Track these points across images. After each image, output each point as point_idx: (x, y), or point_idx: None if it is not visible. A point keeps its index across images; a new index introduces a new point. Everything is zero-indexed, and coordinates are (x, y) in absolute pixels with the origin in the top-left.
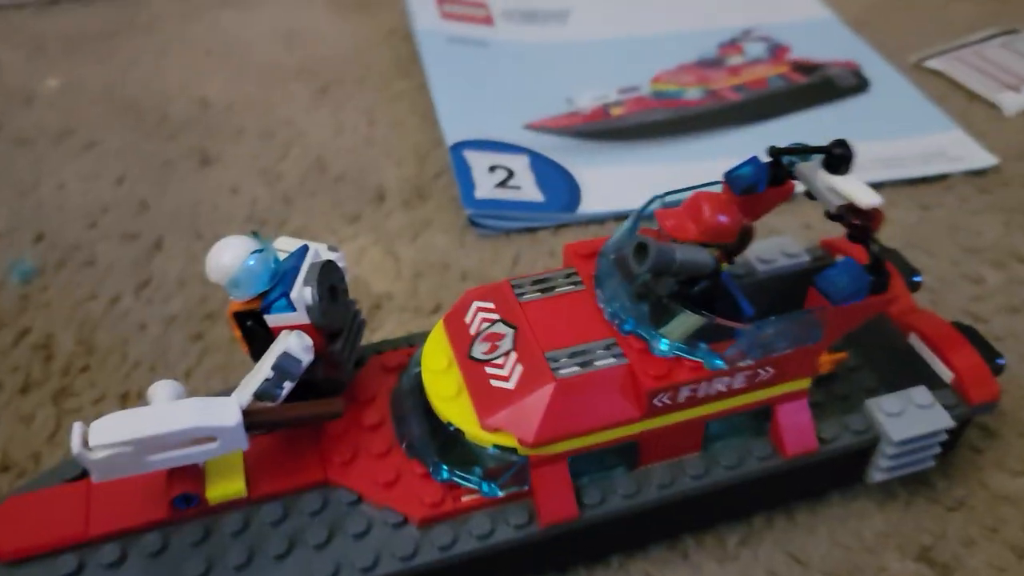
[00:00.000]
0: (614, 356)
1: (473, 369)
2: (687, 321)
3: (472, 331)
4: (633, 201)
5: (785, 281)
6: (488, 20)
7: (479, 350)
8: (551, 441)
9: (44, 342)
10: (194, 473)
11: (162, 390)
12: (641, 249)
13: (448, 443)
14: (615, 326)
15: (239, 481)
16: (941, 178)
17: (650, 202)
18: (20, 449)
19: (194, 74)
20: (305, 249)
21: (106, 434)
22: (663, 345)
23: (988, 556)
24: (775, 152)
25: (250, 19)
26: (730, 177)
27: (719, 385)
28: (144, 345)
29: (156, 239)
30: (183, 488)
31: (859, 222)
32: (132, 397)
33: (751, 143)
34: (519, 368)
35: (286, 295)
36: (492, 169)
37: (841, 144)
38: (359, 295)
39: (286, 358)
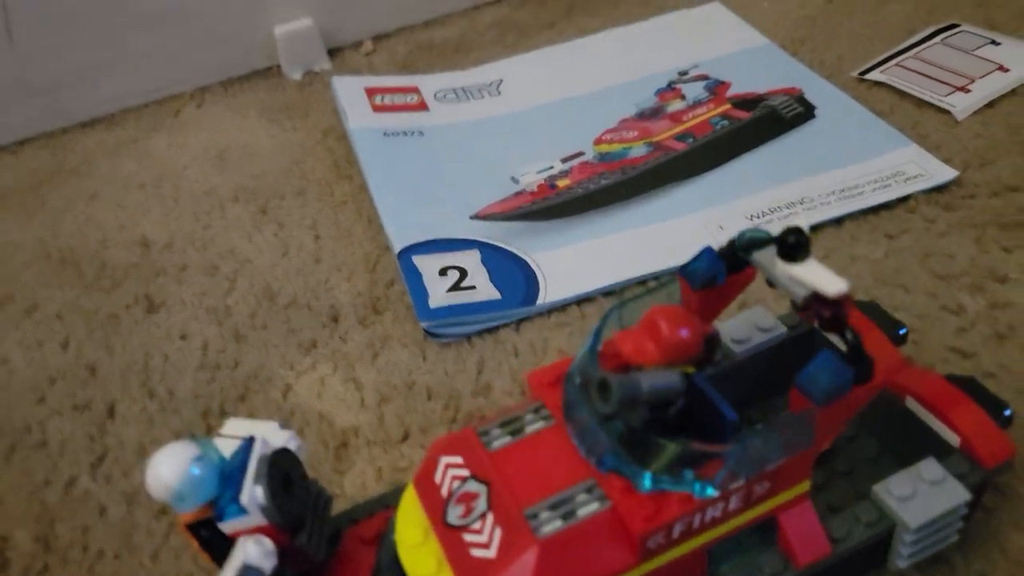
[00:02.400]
0: (597, 500)
1: (451, 537)
2: (666, 452)
3: (444, 492)
4: (593, 281)
5: (764, 360)
6: (422, 105)
7: (454, 514)
8: None
9: (0, 546)
10: None
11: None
12: (604, 386)
13: None
14: (592, 463)
15: None
16: (903, 200)
17: (606, 317)
18: None
19: (129, 213)
20: (250, 442)
21: None
22: (647, 481)
23: None
24: (727, 248)
25: (180, 143)
26: (686, 272)
27: (714, 512)
28: (106, 530)
29: (108, 405)
30: None
31: (829, 313)
32: None
33: (703, 196)
34: (498, 531)
35: (236, 499)
36: (443, 272)
37: (794, 232)
38: (323, 433)
39: (247, 571)
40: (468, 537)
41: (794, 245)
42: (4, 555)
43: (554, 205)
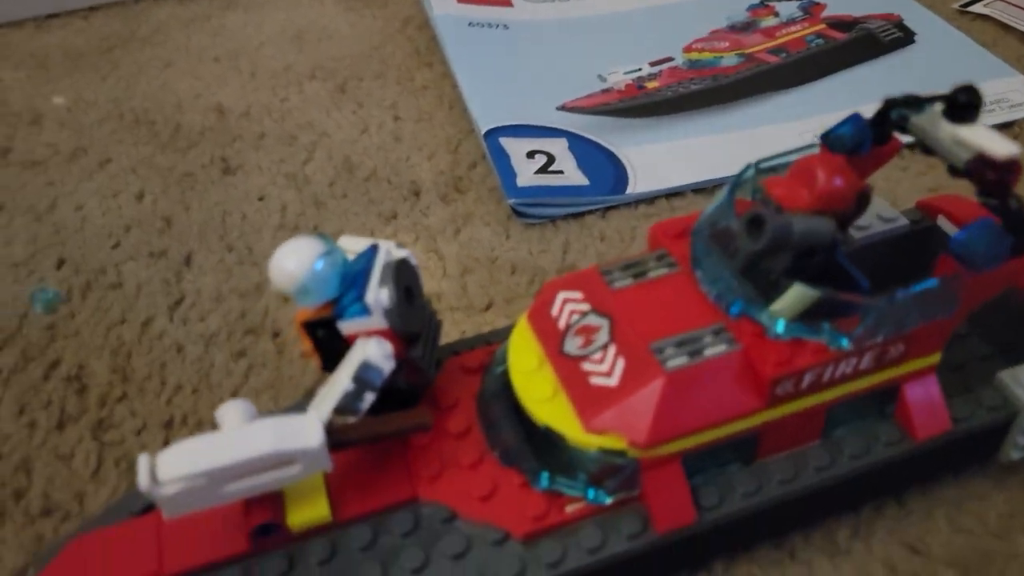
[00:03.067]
0: (725, 343)
1: (568, 366)
2: (805, 297)
3: (561, 325)
4: (682, 177)
5: (885, 248)
6: (506, 1)
7: (572, 345)
8: (664, 441)
9: (76, 373)
10: (273, 499)
11: (232, 411)
12: (756, 222)
13: (547, 448)
14: (721, 309)
15: (322, 505)
16: (1007, 126)
17: (745, 170)
18: (62, 490)
19: (204, 82)
20: (374, 249)
21: (176, 466)
22: (779, 327)
23: None
24: (887, 105)
25: (256, 21)
26: (829, 139)
27: (845, 367)
28: (183, 368)
29: (185, 255)
30: (262, 517)
31: (994, 176)
32: (176, 424)
33: (795, 107)
34: (621, 362)
35: (361, 299)
36: (531, 155)
37: (967, 90)
38: None
39: (367, 368)
40: (587, 366)
41: (965, 104)
42: (82, 382)
43: (643, 104)
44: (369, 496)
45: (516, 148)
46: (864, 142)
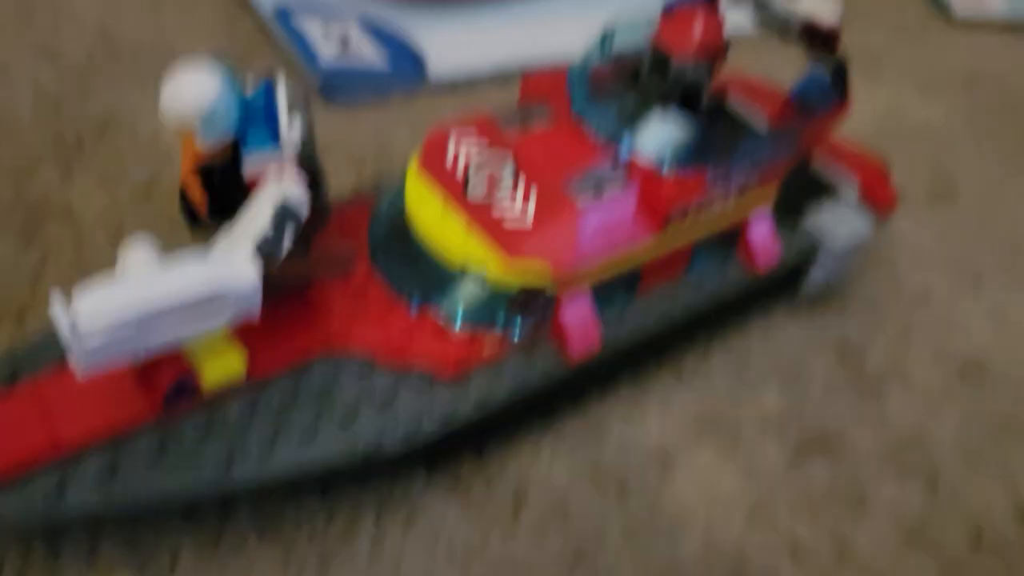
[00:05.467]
0: (621, 180)
1: (477, 210)
2: (690, 129)
3: (459, 170)
4: (479, 64)
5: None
6: None
7: (478, 189)
8: (581, 272)
9: None
10: (179, 357)
11: (136, 250)
12: (662, 64)
13: (457, 289)
14: (612, 149)
15: (235, 359)
16: None
17: (603, 36)
18: None
19: None
20: (271, 84)
21: (102, 315)
22: (668, 160)
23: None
24: None
25: None
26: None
27: (719, 204)
28: None
29: None
30: (173, 374)
31: (821, 39)
32: None
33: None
34: (533, 200)
35: (271, 131)
36: (325, 36)
37: None
38: None
39: (287, 206)
40: (498, 207)
41: None
42: None
43: None
44: (280, 351)
45: (311, 28)
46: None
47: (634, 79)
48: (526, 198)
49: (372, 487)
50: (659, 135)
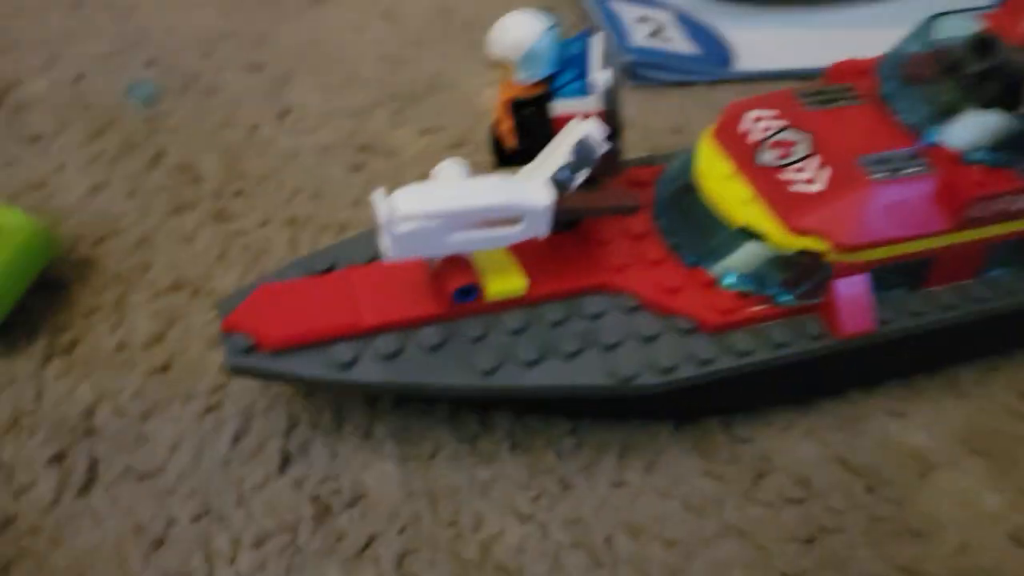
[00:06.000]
0: (922, 165)
1: (765, 175)
2: (1010, 127)
3: (752, 140)
4: (786, 62)
5: None
6: None
7: (769, 156)
8: (865, 246)
9: (186, 165)
10: (470, 267)
11: (452, 168)
12: (985, 43)
13: (736, 251)
14: (915, 136)
15: (518, 278)
16: None
17: (924, 23)
18: (188, 268)
19: None
20: (587, 34)
21: (414, 204)
22: (976, 154)
23: None
24: None
25: None
26: None
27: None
28: (299, 174)
29: (284, 71)
30: (464, 280)
31: None
32: (300, 222)
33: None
34: (826, 171)
35: (582, 78)
36: (641, 20)
37: None
38: None
39: (585, 144)
40: (787, 175)
41: None
42: (194, 173)
43: None
44: (559, 278)
45: (626, 12)
46: None
47: (951, 70)
48: (818, 167)
49: (619, 429)
50: (971, 127)
